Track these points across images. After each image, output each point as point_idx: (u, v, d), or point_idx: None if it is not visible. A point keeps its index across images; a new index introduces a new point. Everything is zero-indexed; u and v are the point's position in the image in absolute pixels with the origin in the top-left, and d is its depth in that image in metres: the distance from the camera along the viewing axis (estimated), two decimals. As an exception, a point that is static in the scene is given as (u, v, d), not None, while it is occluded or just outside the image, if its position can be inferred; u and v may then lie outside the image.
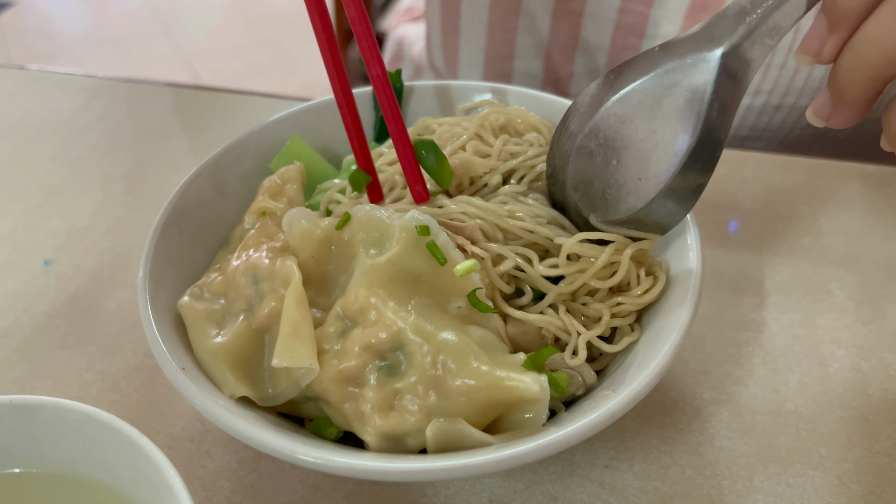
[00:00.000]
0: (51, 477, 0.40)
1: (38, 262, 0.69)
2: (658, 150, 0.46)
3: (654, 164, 0.46)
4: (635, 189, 0.47)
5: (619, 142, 0.48)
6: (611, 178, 0.48)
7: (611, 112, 0.48)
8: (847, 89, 0.42)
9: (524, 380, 0.42)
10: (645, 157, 0.47)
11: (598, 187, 0.49)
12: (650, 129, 0.46)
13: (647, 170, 0.46)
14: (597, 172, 0.49)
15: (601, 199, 0.49)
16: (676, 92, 0.45)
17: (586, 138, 0.49)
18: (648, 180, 0.46)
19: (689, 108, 0.45)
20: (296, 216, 0.49)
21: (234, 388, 0.45)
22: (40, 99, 0.92)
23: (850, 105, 0.43)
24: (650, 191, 0.46)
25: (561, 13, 0.85)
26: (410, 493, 0.50)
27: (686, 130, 0.45)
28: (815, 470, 0.51)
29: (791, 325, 0.60)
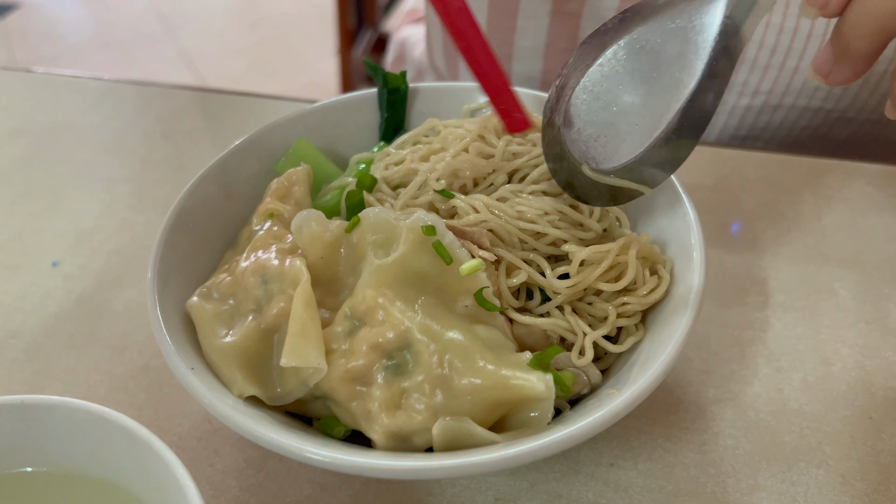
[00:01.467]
0: (61, 476, 0.41)
1: (45, 263, 0.69)
2: (657, 95, 0.46)
3: (652, 109, 0.46)
4: (631, 137, 0.47)
5: (619, 88, 0.47)
6: (608, 123, 0.48)
7: (613, 56, 0.48)
8: (851, 41, 0.43)
9: (530, 379, 0.43)
10: (644, 103, 0.47)
11: (592, 133, 0.49)
12: (651, 73, 0.46)
13: (645, 116, 0.46)
14: (594, 117, 0.49)
15: (595, 146, 0.49)
16: (680, 37, 0.45)
17: (586, 82, 0.49)
18: (646, 127, 0.46)
19: (691, 52, 0.45)
20: (305, 219, 0.49)
21: (243, 387, 0.46)
22: (47, 101, 0.92)
23: (852, 59, 0.44)
24: (645, 139, 0.47)
25: (559, 14, 0.86)
26: (417, 491, 0.51)
27: (687, 76, 0.45)
28: (819, 468, 0.51)
29: (795, 324, 0.61)
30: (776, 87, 0.85)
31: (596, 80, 0.49)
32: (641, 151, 0.47)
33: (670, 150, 0.47)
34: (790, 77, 0.83)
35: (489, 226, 0.50)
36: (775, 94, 0.85)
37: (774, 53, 0.82)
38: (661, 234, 0.53)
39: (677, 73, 0.46)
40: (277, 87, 2.70)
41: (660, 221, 0.54)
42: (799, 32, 0.79)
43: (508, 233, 0.50)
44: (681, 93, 0.46)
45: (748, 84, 0.85)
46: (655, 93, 0.46)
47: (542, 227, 0.50)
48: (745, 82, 0.85)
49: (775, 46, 0.81)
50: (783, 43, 0.81)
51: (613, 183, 0.49)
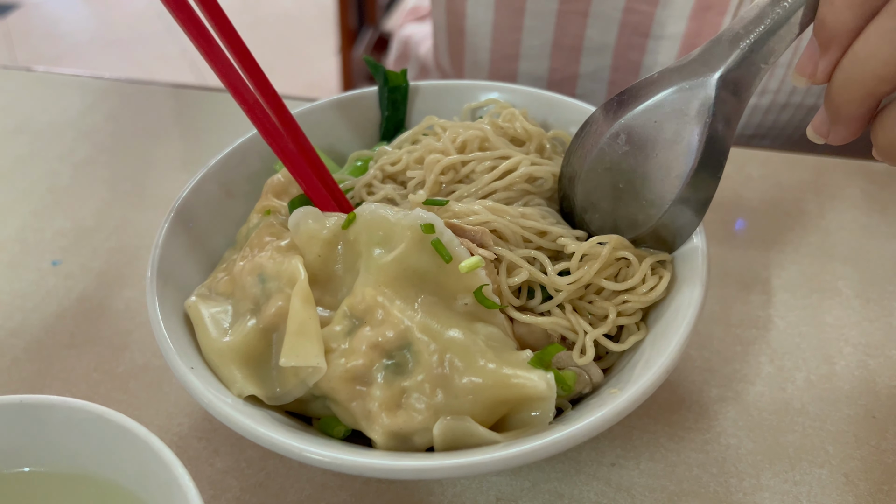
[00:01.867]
0: (61, 476, 0.40)
1: (46, 262, 0.69)
2: (661, 172, 0.48)
3: (658, 186, 0.48)
4: (641, 210, 0.49)
5: (624, 165, 0.49)
6: (617, 200, 0.50)
7: (614, 138, 0.50)
8: (841, 107, 0.44)
9: (531, 377, 0.42)
10: (649, 180, 0.48)
11: (605, 208, 0.51)
12: (653, 152, 0.48)
13: (652, 192, 0.48)
14: (603, 196, 0.51)
15: (610, 219, 0.51)
16: (677, 116, 0.47)
17: (593, 162, 0.51)
18: (654, 202, 0.48)
19: (689, 131, 0.46)
20: (302, 216, 0.49)
21: (242, 387, 0.46)
22: (47, 100, 0.92)
23: (845, 122, 0.45)
24: (656, 211, 0.48)
25: (566, 13, 0.86)
26: (417, 491, 0.50)
27: (688, 153, 0.46)
28: (822, 468, 0.51)
29: (798, 322, 0.60)
30: (783, 86, 0.84)
31: (603, 160, 0.51)
32: (652, 224, 0.49)
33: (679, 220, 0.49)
34: None
35: (492, 226, 0.50)
36: (783, 93, 0.85)
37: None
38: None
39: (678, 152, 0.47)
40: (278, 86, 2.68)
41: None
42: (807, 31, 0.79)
43: (512, 232, 0.50)
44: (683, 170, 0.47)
45: None
46: (660, 171, 0.48)
47: (544, 226, 0.50)
48: None
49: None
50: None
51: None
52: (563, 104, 0.61)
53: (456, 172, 0.55)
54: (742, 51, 0.45)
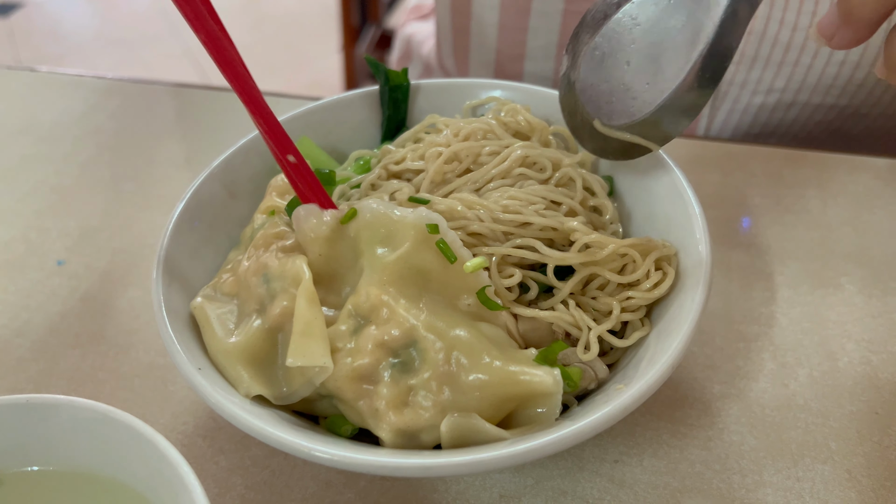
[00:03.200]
0: (67, 475, 0.41)
1: (50, 261, 0.70)
2: (669, 55, 0.47)
3: (664, 68, 0.47)
4: (643, 93, 0.49)
5: (633, 44, 0.49)
6: (620, 80, 0.50)
7: (627, 14, 0.49)
8: (856, 6, 0.43)
9: (538, 374, 0.43)
10: (656, 62, 0.48)
11: (605, 90, 0.50)
12: (664, 33, 0.47)
13: (657, 74, 0.48)
14: (607, 74, 0.50)
15: (608, 102, 0.50)
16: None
17: (601, 38, 0.50)
18: (657, 85, 0.48)
19: (703, 15, 0.46)
20: (304, 214, 0.49)
21: (249, 387, 0.46)
22: (51, 100, 0.92)
23: (856, 24, 0.44)
24: (657, 96, 0.48)
25: (571, 14, 0.85)
26: (422, 488, 0.51)
27: (698, 37, 0.46)
28: (824, 464, 0.51)
29: (800, 319, 0.60)
30: (790, 84, 0.84)
31: (610, 36, 0.50)
32: (651, 109, 0.49)
33: (681, 107, 0.49)
34: (804, 74, 0.83)
35: (471, 229, 0.49)
36: (789, 92, 0.85)
37: (788, 50, 0.81)
38: (666, 227, 0.53)
39: (691, 31, 0.47)
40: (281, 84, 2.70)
41: (664, 215, 0.54)
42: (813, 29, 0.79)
43: (491, 230, 0.49)
44: (693, 52, 0.47)
45: (762, 82, 0.85)
46: (668, 50, 0.48)
47: (526, 217, 0.50)
48: (758, 80, 0.85)
49: (789, 43, 0.81)
50: (797, 40, 0.80)
51: (622, 138, 0.51)
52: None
53: (459, 163, 0.55)
54: None
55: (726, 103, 0.88)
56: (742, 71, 0.85)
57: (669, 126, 0.50)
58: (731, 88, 0.87)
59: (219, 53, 0.44)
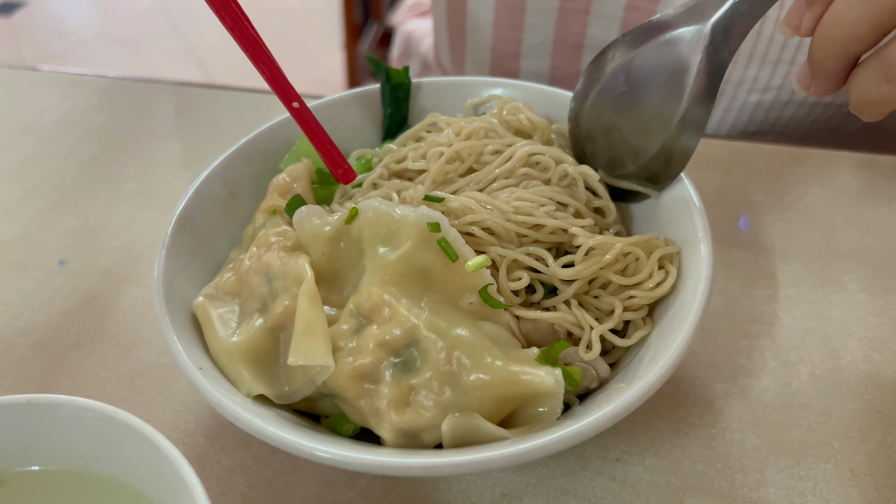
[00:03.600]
0: (68, 474, 0.41)
1: (52, 261, 0.70)
2: (654, 111, 0.51)
3: (651, 124, 0.52)
4: (636, 146, 0.53)
5: (623, 103, 0.53)
6: (615, 136, 0.54)
7: (615, 76, 0.53)
8: (820, 62, 0.46)
9: (539, 374, 0.42)
10: (643, 119, 0.52)
11: (604, 144, 0.55)
12: (648, 92, 0.52)
13: (646, 130, 0.52)
14: (603, 130, 0.55)
15: (607, 154, 0.55)
16: (672, 61, 0.50)
17: (596, 98, 0.55)
18: (647, 139, 0.52)
19: (682, 74, 0.50)
20: (306, 214, 0.49)
21: (251, 386, 0.46)
22: (52, 99, 0.92)
23: (825, 77, 0.47)
24: (649, 148, 0.52)
25: (567, 11, 0.85)
26: (423, 487, 0.51)
27: (679, 94, 0.50)
28: (827, 462, 0.51)
29: (803, 317, 0.60)
30: (787, 82, 0.84)
31: (603, 99, 0.55)
32: (646, 160, 0.53)
33: (670, 159, 0.52)
34: None
35: (485, 224, 0.49)
36: (786, 90, 0.85)
37: (784, 49, 0.81)
38: (668, 227, 0.53)
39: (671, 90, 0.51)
40: (283, 82, 2.69)
41: (666, 214, 0.54)
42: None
43: (505, 229, 0.50)
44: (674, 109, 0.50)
45: (758, 80, 0.85)
46: (654, 109, 0.52)
47: (538, 219, 0.50)
48: (755, 78, 0.85)
49: (785, 42, 0.81)
50: (793, 39, 0.80)
51: (623, 186, 0.55)
52: (565, 100, 0.61)
53: (462, 162, 0.55)
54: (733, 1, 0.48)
55: (723, 101, 0.88)
56: (738, 69, 0.84)
57: (665, 171, 0.53)
58: (727, 87, 0.87)
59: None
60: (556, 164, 0.54)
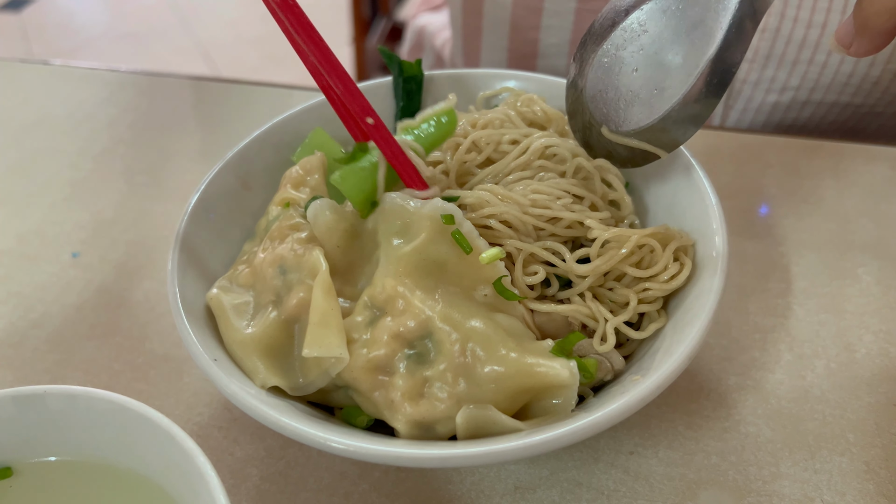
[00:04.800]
0: (84, 465, 0.41)
1: (65, 254, 0.70)
2: (677, 61, 0.48)
3: (672, 75, 0.48)
4: (651, 100, 0.49)
5: (641, 51, 0.49)
6: (628, 87, 0.50)
7: (635, 21, 0.50)
8: (872, 16, 0.44)
9: (554, 366, 0.42)
10: (664, 68, 0.48)
11: (613, 97, 0.51)
12: (672, 40, 0.48)
13: (665, 81, 0.48)
14: (615, 81, 0.50)
15: (615, 108, 0.51)
16: (702, 4, 0.47)
17: (609, 45, 0.51)
18: (665, 91, 0.48)
19: (712, 22, 0.46)
20: (320, 207, 0.49)
21: (266, 378, 0.46)
22: (65, 93, 0.93)
23: (871, 34, 0.45)
24: (665, 103, 0.48)
25: (584, 12, 0.85)
26: (436, 479, 0.51)
27: (707, 44, 0.46)
28: (842, 456, 0.50)
29: (817, 310, 0.60)
30: (805, 82, 0.83)
31: (618, 43, 0.50)
32: (659, 116, 0.49)
33: (688, 114, 0.49)
34: (819, 72, 0.82)
35: (503, 217, 0.49)
36: (804, 90, 0.84)
37: (802, 49, 0.80)
38: (682, 219, 0.53)
39: (699, 38, 0.47)
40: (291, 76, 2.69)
41: (681, 206, 0.53)
42: (827, 28, 0.78)
43: (523, 222, 0.49)
44: (700, 59, 0.47)
45: (776, 80, 0.84)
46: (677, 58, 0.48)
47: (556, 212, 0.50)
48: (772, 78, 0.84)
49: (803, 41, 0.80)
50: (811, 38, 0.79)
51: (630, 144, 0.51)
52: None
53: (479, 153, 0.54)
54: None
55: (740, 102, 0.87)
56: (756, 69, 0.84)
57: (677, 132, 0.50)
58: (744, 87, 0.86)
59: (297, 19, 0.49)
60: (571, 156, 0.53)
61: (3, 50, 3.02)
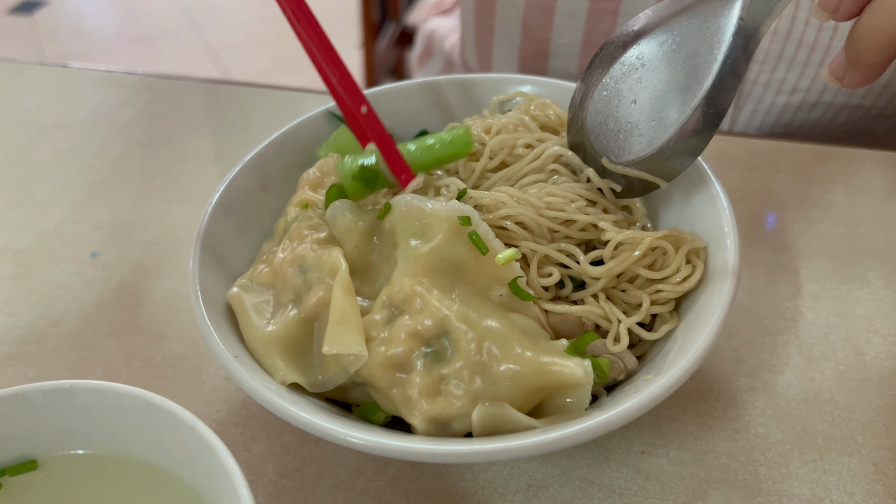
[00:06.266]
0: (109, 458, 0.42)
1: (85, 254, 0.71)
2: (674, 92, 0.49)
3: (669, 105, 0.49)
4: (649, 131, 0.50)
5: (639, 84, 0.51)
6: (627, 118, 0.51)
7: (633, 54, 0.51)
8: (862, 52, 0.44)
9: (568, 364, 0.43)
10: (661, 100, 0.49)
11: (613, 128, 0.52)
12: (669, 72, 0.49)
13: (663, 112, 0.49)
14: (614, 112, 0.52)
15: (615, 139, 0.52)
16: (696, 37, 0.48)
17: (609, 79, 0.52)
18: (663, 122, 0.49)
19: (707, 52, 0.47)
20: (340, 208, 0.50)
21: (286, 374, 0.47)
22: (82, 96, 0.94)
23: (863, 67, 0.45)
24: (664, 133, 0.49)
25: (596, 12, 0.86)
26: (450, 476, 0.51)
27: (703, 74, 0.47)
28: (851, 457, 0.51)
29: (826, 313, 0.61)
30: (815, 84, 0.84)
31: (617, 77, 0.52)
32: (658, 146, 0.50)
33: (686, 145, 0.50)
34: None
35: (518, 219, 0.50)
36: (813, 92, 0.85)
37: (813, 51, 0.81)
38: (694, 222, 0.53)
39: (694, 71, 0.48)
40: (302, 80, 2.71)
41: (693, 210, 0.54)
42: (839, 30, 0.79)
43: (538, 224, 0.50)
44: (697, 90, 0.48)
45: (786, 81, 0.84)
46: (673, 90, 0.49)
47: (570, 215, 0.51)
48: (783, 80, 0.84)
49: (814, 43, 0.80)
50: (822, 40, 0.80)
51: (630, 174, 0.52)
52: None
53: (491, 158, 0.55)
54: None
55: (750, 103, 0.88)
56: (767, 71, 0.84)
57: (676, 162, 0.51)
58: (754, 88, 0.86)
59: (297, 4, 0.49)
60: (580, 169, 0.54)
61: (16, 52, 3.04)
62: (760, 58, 0.84)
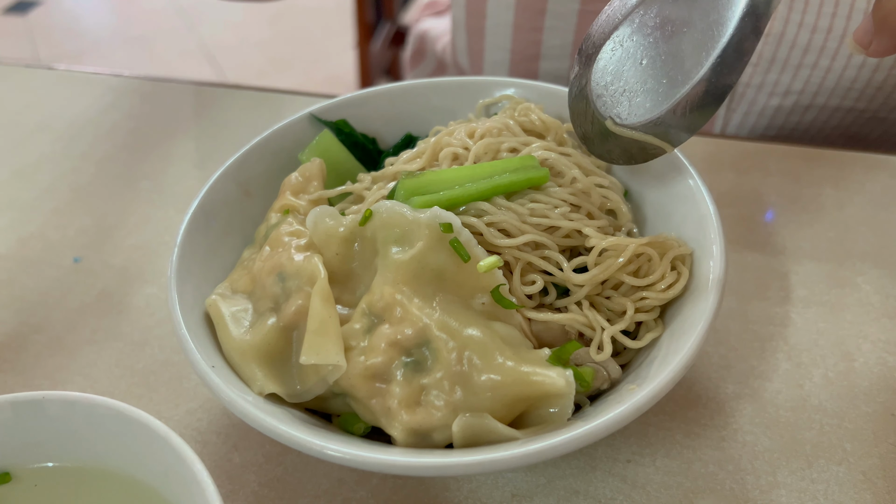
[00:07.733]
0: (82, 471, 0.41)
1: (67, 259, 0.70)
2: (687, 52, 0.47)
3: (681, 65, 0.47)
4: (658, 92, 0.49)
5: (650, 41, 0.49)
6: (635, 78, 0.49)
7: (644, 12, 0.49)
8: (890, 14, 0.43)
9: (550, 374, 0.43)
10: (673, 58, 0.48)
11: (619, 88, 0.50)
12: (681, 31, 0.47)
13: (674, 70, 0.48)
14: (622, 72, 0.50)
15: (621, 101, 0.50)
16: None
17: (617, 36, 0.50)
18: (673, 83, 0.48)
19: (723, 10, 0.46)
20: (319, 215, 0.49)
21: (263, 384, 0.46)
22: (68, 98, 0.93)
23: (891, 31, 0.44)
24: (673, 94, 0.48)
25: (587, 13, 0.85)
26: (434, 486, 0.51)
27: (717, 33, 0.46)
28: (839, 465, 0.50)
29: (816, 319, 0.60)
30: (808, 87, 0.83)
31: (626, 35, 0.50)
32: (668, 107, 0.49)
33: (696, 108, 0.48)
34: (822, 77, 0.82)
35: (501, 226, 0.50)
36: (807, 95, 0.84)
37: (807, 53, 0.80)
38: (680, 227, 0.53)
39: (708, 31, 0.47)
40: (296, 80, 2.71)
41: (679, 215, 0.53)
42: (832, 32, 0.78)
43: (521, 231, 0.49)
44: (711, 50, 0.47)
45: (779, 84, 0.84)
46: (685, 50, 0.48)
47: (554, 221, 0.50)
48: (776, 82, 0.84)
49: (808, 46, 0.80)
50: (816, 42, 0.79)
51: (636, 137, 0.51)
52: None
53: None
54: None
55: (742, 105, 0.87)
56: (759, 73, 0.84)
57: (684, 126, 0.50)
58: (747, 90, 0.86)
59: None
60: (567, 169, 0.53)
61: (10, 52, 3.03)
62: (754, 60, 0.83)
